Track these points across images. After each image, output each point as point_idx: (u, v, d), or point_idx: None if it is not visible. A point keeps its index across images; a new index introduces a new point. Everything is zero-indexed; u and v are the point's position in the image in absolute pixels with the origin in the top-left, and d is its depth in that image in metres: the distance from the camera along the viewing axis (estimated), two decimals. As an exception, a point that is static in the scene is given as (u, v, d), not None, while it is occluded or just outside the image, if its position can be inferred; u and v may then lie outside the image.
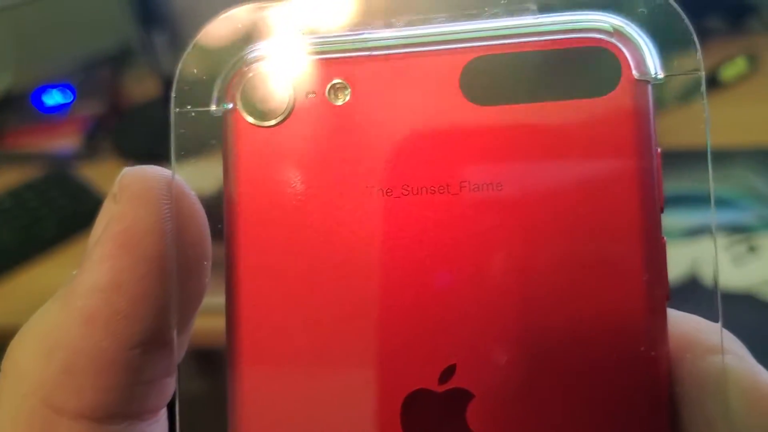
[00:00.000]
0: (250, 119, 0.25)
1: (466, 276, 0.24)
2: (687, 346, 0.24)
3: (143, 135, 1.18)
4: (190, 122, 0.25)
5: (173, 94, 0.25)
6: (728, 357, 0.23)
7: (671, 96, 0.99)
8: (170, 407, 0.26)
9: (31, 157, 1.21)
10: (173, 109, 0.25)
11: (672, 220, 0.80)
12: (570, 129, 0.23)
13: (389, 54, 0.24)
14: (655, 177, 0.23)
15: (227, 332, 0.25)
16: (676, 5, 0.23)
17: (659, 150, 0.24)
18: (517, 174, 0.24)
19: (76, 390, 0.23)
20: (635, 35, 0.24)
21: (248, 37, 0.25)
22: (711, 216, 0.25)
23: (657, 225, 0.23)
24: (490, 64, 0.24)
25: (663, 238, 0.24)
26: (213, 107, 0.25)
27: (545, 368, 0.23)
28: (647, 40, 0.24)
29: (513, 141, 0.24)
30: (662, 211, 0.24)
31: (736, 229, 0.84)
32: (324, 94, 0.25)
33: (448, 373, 0.24)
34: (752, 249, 0.81)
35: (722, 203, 0.86)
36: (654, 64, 0.24)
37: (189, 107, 0.25)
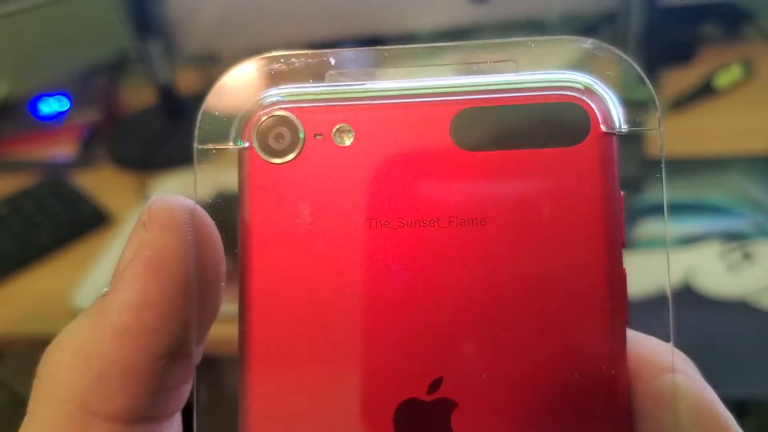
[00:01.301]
0: (264, 156, 0.28)
1: (453, 299, 0.27)
2: (643, 365, 0.27)
3: (139, 143, 1.21)
4: (211, 158, 0.28)
5: (196, 132, 0.28)
6: (678, 375, 0.26)
7: (665, 105, 1.01)
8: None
9: (27, 165, 1.22)
10: (196, 146, 0.28)
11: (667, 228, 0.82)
12: (544, 174, 0.27)
13: (389, 103, 0.28)
14: (618, 218, 0.27)
15: (240, 346, 0.28)
16: (639, 70, 0.27)
17: (623, 194, 0.27)
18: (498, 211, 0.27)
19: (110, 396, 0.26)
20: (603, 93, 0.27)
21: (265, 82, 0.28)
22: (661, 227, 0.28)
23: (619, 260, 0.27)
24: (476, 114, 0.27)
25: (624, 270, 0.27)
26: (230, 145, 0.28)
27: (519, 383, 0.27)
28: (614, 97, 0.27)
29: (495, 182, 0.27)
30: (624, 246, 0.27)
31: (731, 237, 0.86)
32: (330, 136, 0.28)
33: (436, 384, 0.27)
34: (747, 256, 0.83)
35: (717, 210, 0.88)
36: (619, 119, 0.27)
37: (210, 145, 0.28)
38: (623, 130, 0.27)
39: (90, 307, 0.27)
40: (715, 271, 0.81)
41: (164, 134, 1.23)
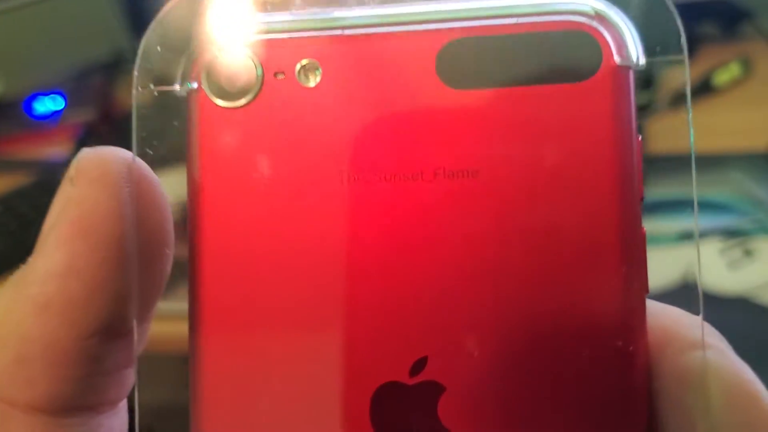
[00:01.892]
0: (215, 100, 0.23)
1: (439, 266, 0.22)
2: (667, 340, 0.22)
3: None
4: (153, 102, 0.23)
5: (135, 73, 0.23)
6: (710, 352, 0.22)
7: (662, 102, 0.99)
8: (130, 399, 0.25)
9: (22, 164, 1.20)
10: (135, 88, 0.23)
11: (665, 224, 0.79)
12: (548, 115, 0.22)
13: (362, 34, 0.23)
14: (635, 166, 0.22)
15: (190, 330, 0.24)
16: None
17: (640, 138, 0.22)
18: (493, 161, 0.22)
19: (29, 381, 0.22)
20: (617, 19, 0.22)
21: (216, 14, 0.24)
22: (694, 220, 0.24)
23: (637, 215, 0.22)
24: (466, 47, 0.23)
25: (643, 228, 0.22)
26: (177, 87, 0.24)
27: (519, 361, 0.22)
28: (629, 24, 0.23)
29: (489, 127, 0.22)
30: (642, 201, 0.22)
31: (731, 234, 0.83)
32: (294, 74, 0.23)
33: (420, 365, 0.22)
34: (747, 253, 0.80)
35: (717, 207, 0.85)
36: (636, 49, 0.22)
37: (152, 86, 0.24)
38: (641, 63, 0.22)
39: (13, 275, 0.23)
40: (715, 268, 0.79)
41: (159, 132, 1.18)
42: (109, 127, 1.26)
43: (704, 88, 1.04)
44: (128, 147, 0.23)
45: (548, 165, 0.22)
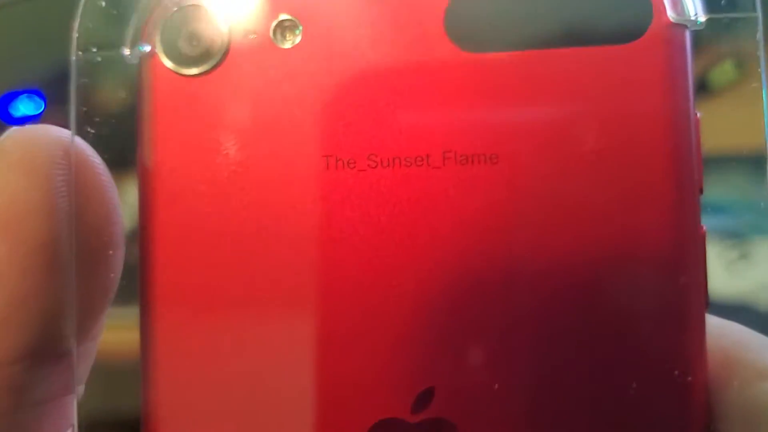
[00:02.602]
0: (173, 66, 0.19)
1: (450, 274, 0.18)
2: (730, 367, 0.18)
3: (117, 144, 1.14)
4: (96, 69, 0.19)
5: (74, 34, 0.19)
6: None
7: None
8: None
9: None
10: (74, 53, 0.19)
11: None
12: (587, 85, 0.18)
13: None
14: (693, 149, 0.18)
15: (142, 341, 0.19)
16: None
17: (699, 115, 0.18)
18: (517, 143, 0.18)
19: None
20: None
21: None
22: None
23: (695, 210, 0.18)
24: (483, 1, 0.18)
25: (702, 227, 0.18)
26: (125, 51, 0.19)
27: (550, 396, 0.17)
28: None
29: (514, 99, 0.18)
30: (701, 192, 0.18)
31: (728, 236, 0.78)
32: (268, 33, 0.19)
33: (425, 398, 0.18)
34: (744, 256, 0.76)
35: (714, 209, 0.82)
36: (693, 4, 0.18)
37: (94, 50, 0.19)
38: (699, 21, 0.17)
39: None
40: (712, 271, 0.75)
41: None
42: (91, 129, 1.22)
43: (699, 88, 1.02)
44: (114, 149, 0.18)
45: (586, 148, 0.17)
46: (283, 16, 0.18)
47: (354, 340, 0.18)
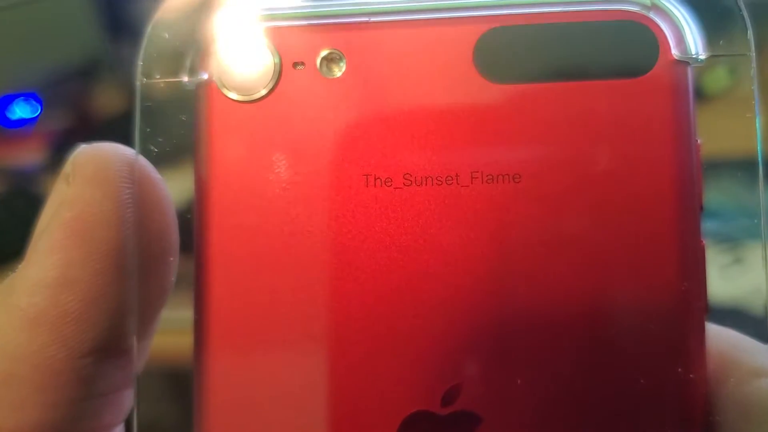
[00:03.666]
0: (228, 93, 0.21)
1: (477, 283, 0.20)
2: (728, 366, 0.20)
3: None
4: (159, 95, 0.21)
5: (139, 62, 0.20)
6: None
7: None
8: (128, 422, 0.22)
9: (-2, 171, 1.16)
10: (139, 79, 0.21)
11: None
12: (599, 114, 0.20)
13: (392, 21, 0.20)
14: (695, 172, 0.20)
15: (195, 345, 0.21)
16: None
17: (699, 141, 0.20)
18: (538, 164, 0.20)
19: (17, 405, 0.19)
20: (675, 10, 0.20)
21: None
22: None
23: (696, 226, 0.20)
24: (509, 36, 0.20)
25: (702, 241, 0.20)
26: (185, 78, 0.21)
27: (566, 391, 0.19)
28: (688, 15, 0.20)
29: (534, 125, 0.20)
30: (702, 210, 0.20)
31: (722, 240, 0.79)
32: (315, 65, 0.20)
33: (453, 393, 0.20)
34: (738, 260, 0.78)
35: (708, 214, 0.82)
36: (695, 43, 0.20)
37: (158, 77, 0.21)
38: (701, 59, 0.19)
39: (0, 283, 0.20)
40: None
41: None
42: (86, 134, 1.22)
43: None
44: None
45: (598, 170, 0.19)
46: (329, 50, 0.20)
47: (391, 342, 0.20)
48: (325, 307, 0.20)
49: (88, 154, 0.20)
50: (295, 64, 0.20)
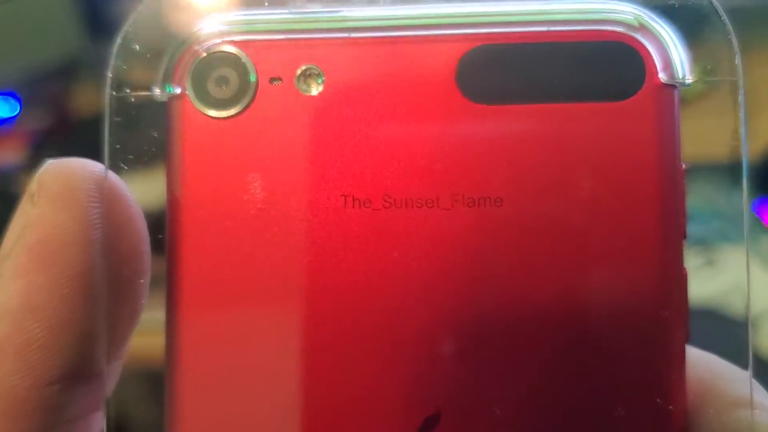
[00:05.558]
0: (202, 108, 0.20)
1: (456, 307, 0.19)
2: (708, 395, 0.19)
3: (92, 149, 1.13)
4: (129, 109, 0.20)
5: (108, 74, 0.20)
6: (758, 412, 0.19)
7: None
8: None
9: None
10: (108, 92, 0.20)
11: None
12: (584, 137, 0.19)
13: (372, 37, 0.20)
14: (678, 198, 0.19)
15: (167, 383, 0.20)
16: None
17: (684, 167, 0.19)
18: (521, 187, 0.19)
19: None
20: (662, 31, 0.19)
21: (203, 7, 0.20)
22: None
23: (678, 253, 0.19)
24: (492, 56, 0.19)
25: (684, 269, 0.19)
26: (157, 91, 0.20)
27: (547, 421, 0.19)
28: (675, 38, 0.19)
29: (517, 148, 0.19)
30: (685, 238, 0.19)
31: (695, 243, 0.80)
32: (292, 81, 0.20)
33: (431, 423, 0.19)
34: (711, 263, 0.78)
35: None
36: (683, 66, 0.19)
37: (128, 91, 0.20)
38: (687, 82, 0.19)
39: None
40: None
41: (117, 139, 1.14)
42: (65, 133, 1.20)
43: None
44: (89, 155, 0.19)
45: (582, 195, 0.19)
46: (308, 65, 0.20)
47: (369, 367, 0.19)
48: (301, 331, 0.19)
49: (54, 171, 0.19)
50: (271, 80, 0.20)
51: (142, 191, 0.20)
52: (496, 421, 0.19)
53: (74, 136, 1.20)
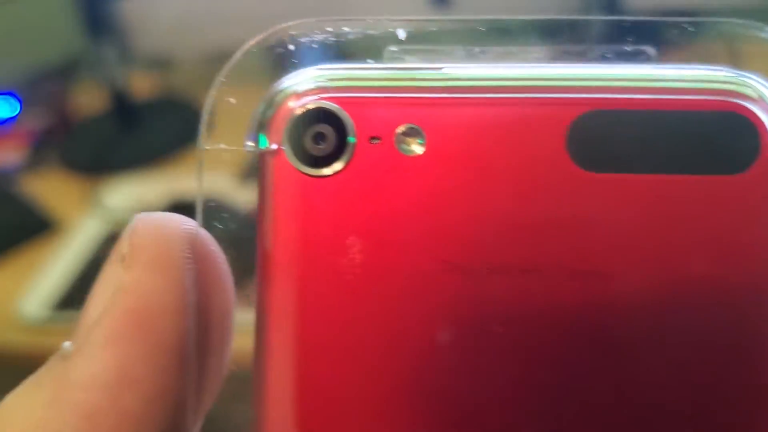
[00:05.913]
0: (297, 165, 0.19)
1: (561, 386, 0.18)
2: None
3: (91, 148, 1.12)
4: (223, 163, 0.19)
5: (202, 126, 0.19)
6: None
7: None
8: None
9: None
10: (201, 146, 0.19)
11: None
12: (695, 211, 0.18)
13: (478, 98, 0.19)
14: None
15: None
16: None
17: None
18: (628, 261, 0.18)
19: None
20: None
21: (301, 60, 0.19)
22: None
23: None
24: (605, 121, 0.18)
25: None
26: (251, 146, 0.19)
27: None
28: None
29: (627, 220, 0.18)
30: None
31: None
32: (392, 140, 0.19)
33: None
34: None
35: None
36: None
37: (222, 146, 0.19)
38: None
39: (45, 370, 0.18)
40: None
41: (117, 139, 1.14)
42: (65, 133, 1.20)
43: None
44: (89, 156, 0.18)
45: (692, 274, 0.18)
46: (409, 125, 0.19)
47: None
48: (397, 401, 0.19)
49: (147, 232, 0.18)
50: (370, 139, 0.19)
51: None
52: None
53: (74, 134, 1.20)
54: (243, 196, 0.81)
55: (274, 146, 0.19)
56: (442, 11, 0.95)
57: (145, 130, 1.12)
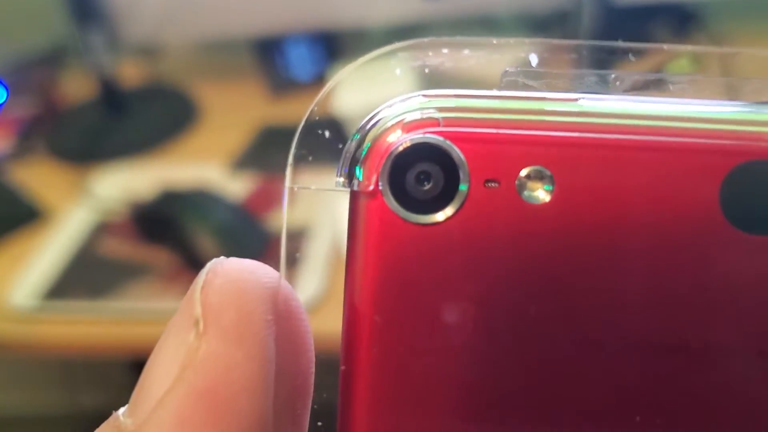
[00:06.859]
0: (397, 208, 0.16)
1: None
2: None
3: (78, 136, 1.11)
4: (311, 203, 0.16)
5: (290, 160, 0.16)
6: None
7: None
8: None
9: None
10: (287, 185, 0.16)
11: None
12: None
13: (617, 139, 0.16)
14: None
15: None
16: None
17: None
18: None
19: None
20: None
21: (404, 89, 0.16)
22: None
23: None
24: (761, 174, 0.15)
25: None
26: (343, 182, 0.16)
27: None
28: None
29: None
30: None
31: None
32: (513, 185, 0.16)
33: None
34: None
35: None
36: None
37: (312, 187, 0.16)
38: None
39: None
40: None
41: (105, 127, 1.13)
42: (53, 121, 1.18)
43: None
44: (76, 143, 0.15)
45: None
46: (534, 168, 0.16)
47: None
48: None
49: (225, 290, 0.15)
50: (486, 182, 0.16)
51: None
52: None
53: (61, 122, 1.18)
54: (234, 186, 0.80)
55: (371, 187, 0.16)
56: (431, 5, 0.94)
57: (134, 117, 1.12)
